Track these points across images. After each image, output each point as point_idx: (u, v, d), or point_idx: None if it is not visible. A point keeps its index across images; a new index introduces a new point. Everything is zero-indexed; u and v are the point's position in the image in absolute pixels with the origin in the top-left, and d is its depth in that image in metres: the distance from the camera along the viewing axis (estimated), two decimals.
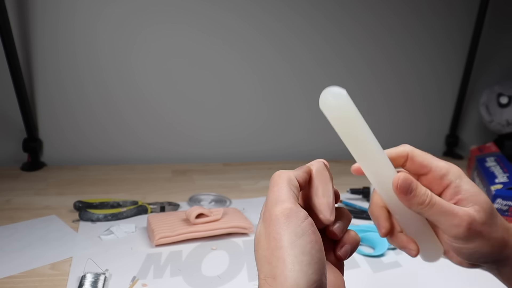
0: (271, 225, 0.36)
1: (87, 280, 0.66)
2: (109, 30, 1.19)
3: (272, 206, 0.37)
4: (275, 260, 0.34)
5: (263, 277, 0.35)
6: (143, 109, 1.28)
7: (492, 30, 1.46)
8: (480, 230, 0.41)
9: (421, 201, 0.40)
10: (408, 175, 0.40)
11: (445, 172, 0.42)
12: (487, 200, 0.42)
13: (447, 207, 0.41)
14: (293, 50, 1.33)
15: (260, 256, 0.36)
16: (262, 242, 0.36)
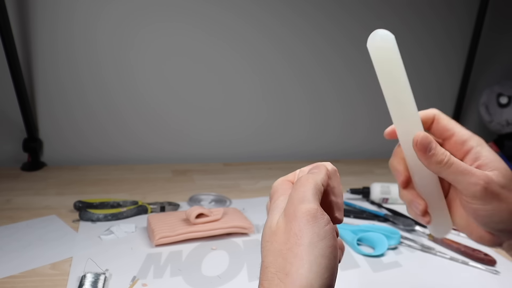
0: (295, 221, 0.35)
1: (87, 280, 0.66)
2: (109, 30, 1.19)
3: (299, 203, 0.36)
4: (292, 257, 0.34)
5: (274, 271, 0.34)
6: (143, 109, 1.28)
7: (492, 30, 1.46)
8: (498, 192, 0.41)
9: (439, 159, 0.41)
10: (428, 135, 0.42)
11: (467, 138, 0.44)
12: (506, 167, 0.43)
13: (464, 167, 0.41)
14: (293, 50, 1.33)
15: (273, 249, 0.36)
16: (279, 235, 0.36)
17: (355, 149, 1.46)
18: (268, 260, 0.35)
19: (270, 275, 0.34)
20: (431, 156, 0.41)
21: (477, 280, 0.74)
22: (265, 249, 0.36)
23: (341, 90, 1.41)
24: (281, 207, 0.38)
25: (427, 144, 0.41)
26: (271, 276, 0.34)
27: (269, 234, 0.37)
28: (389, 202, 1.05)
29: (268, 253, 0.36)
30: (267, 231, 0.37)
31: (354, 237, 0.84)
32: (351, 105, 1.43)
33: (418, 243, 0.86)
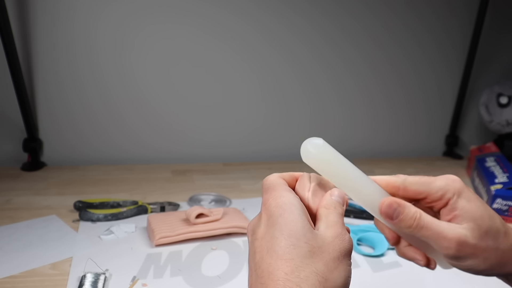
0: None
1: (87, 280, 0.66)
2: (109, 30, 1.19)
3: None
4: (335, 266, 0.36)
5: (314, 275, 0.34)
6: (143, 109, 1.28)
7: (491, 30, 1.46)
8: (472, 251, 0.40)
9: (408, 224, 0.41)
10: (392, 201, 0.41)
11: (443, 193, 0.42)
12: (483, 215, 0.41)
13: (435, 230, 0.40)
14: (292, 50, 1.33)
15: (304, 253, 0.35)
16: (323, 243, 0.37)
17: (355, 149, 1.46)
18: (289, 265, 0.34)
19: (304, 274, 0.34)
20: (399, 221, 0.41)
21: (478, 280, 0.74)
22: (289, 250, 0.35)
23: (340, 90, 1.41)
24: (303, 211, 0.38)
25: (392, 212, 0.41)
26: (304, 275, 0.34)
27: (304, 234, 0.36)
28: None
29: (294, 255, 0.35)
30: (301, 231, 0.36)
31: (354, 237, 0.84)
32: (351, 105, 1.43)
33: None
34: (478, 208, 0.41)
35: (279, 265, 0.34)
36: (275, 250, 0.35)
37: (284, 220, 0.36)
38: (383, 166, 1.37)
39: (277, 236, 0.35)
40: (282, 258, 0.34)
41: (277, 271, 0.33)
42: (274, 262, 0.34)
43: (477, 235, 0.40)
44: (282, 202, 0.37)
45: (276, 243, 0.35)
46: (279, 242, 0.35)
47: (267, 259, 0.35)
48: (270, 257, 0.35)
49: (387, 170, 1.34)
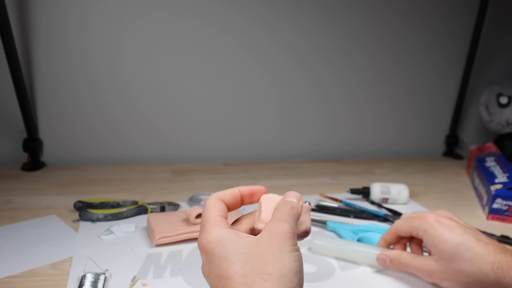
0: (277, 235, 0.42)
1: (87, 280, 0.66)
2: (108, 30, 1.19)
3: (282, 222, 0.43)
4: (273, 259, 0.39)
5: (251, 274, 0.38)
6: (143, 109, 1.28)
7: (492, 30, 1.46)
8: (441, 276, 0.55)
9: (396, 266, 0.67)
10: (382, 254, 0.69)
11: (416, 232, 0.63)
12: (445, 248, 0.55)
13: (412, 266, 0.62)
14: (297, 48, 1.33)
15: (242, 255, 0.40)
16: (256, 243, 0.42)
17: (357, 150, 1.46)
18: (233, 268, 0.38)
19: (250, 280, 0.36)
20: (390, 266, 0.68)
21: None
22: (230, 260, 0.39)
23: (349, 95, 1.41)
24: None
25: (384, 262, 0.68)
26: (250, 281, 0.36)
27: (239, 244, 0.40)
28: (389, 202, 1.05)
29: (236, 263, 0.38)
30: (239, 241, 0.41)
31: (354, 237, 0.84)
32: (359, 107, 1.43)
33: None
34: (439, 241, 0.56)
35: (229, 284, 0.37)
36: (222, 275, 0.38)
37: (220, 249, 0.40)
38: (383, 166, 1.37)
39: (217, 263, 0.39)
40: (228, 278, 0.37)
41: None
42: (225, 284, 0.37)
43: (443, 263, 0.55)
44: (212, 237, 0.41)
45: (220, 269, 0.38)
46: (222, 267, 0.38)
47: (220, 286, 0.38)
48: (220, 282, 0.38)
49: (387, 170, 1.34)
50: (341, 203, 1.02)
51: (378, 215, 0.97)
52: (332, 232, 0.89)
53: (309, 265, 0.76)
